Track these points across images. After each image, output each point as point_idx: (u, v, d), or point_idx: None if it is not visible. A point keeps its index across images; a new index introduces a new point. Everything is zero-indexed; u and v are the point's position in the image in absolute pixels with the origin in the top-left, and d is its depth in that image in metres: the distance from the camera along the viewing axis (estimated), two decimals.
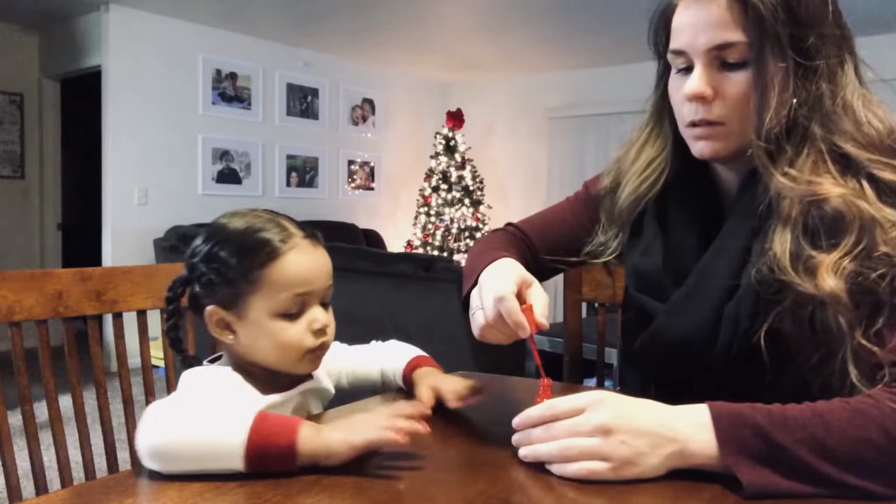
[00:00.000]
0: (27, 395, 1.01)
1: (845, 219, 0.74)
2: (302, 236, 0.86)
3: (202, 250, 0.85)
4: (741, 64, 0.80)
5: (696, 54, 0.82)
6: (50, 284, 1.05)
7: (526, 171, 6.33)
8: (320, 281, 0.85)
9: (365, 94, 6.03)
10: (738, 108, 0.81)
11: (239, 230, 0.85)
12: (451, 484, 0.66)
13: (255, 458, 0.66)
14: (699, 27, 0.80)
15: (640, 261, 0.94)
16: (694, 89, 0.81)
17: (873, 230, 0.73)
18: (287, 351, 0.84)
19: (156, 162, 4.59)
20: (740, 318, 0.81)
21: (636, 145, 0.98)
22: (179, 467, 0.67)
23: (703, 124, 0.83)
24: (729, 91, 0.81)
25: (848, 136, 0.78)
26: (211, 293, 0.84)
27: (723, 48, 0.80)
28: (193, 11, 4.52)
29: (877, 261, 0.72)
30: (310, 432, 0.68)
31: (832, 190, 0.75)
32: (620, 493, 0.64)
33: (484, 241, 1.08)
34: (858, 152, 0.77)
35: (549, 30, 4.77)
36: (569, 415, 0.69)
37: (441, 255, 5.66)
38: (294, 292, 0.83)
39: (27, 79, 4.89)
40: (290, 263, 0.83)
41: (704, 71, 0.81)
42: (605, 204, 1.02)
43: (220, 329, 0.85)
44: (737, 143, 0.83)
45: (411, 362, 0.99)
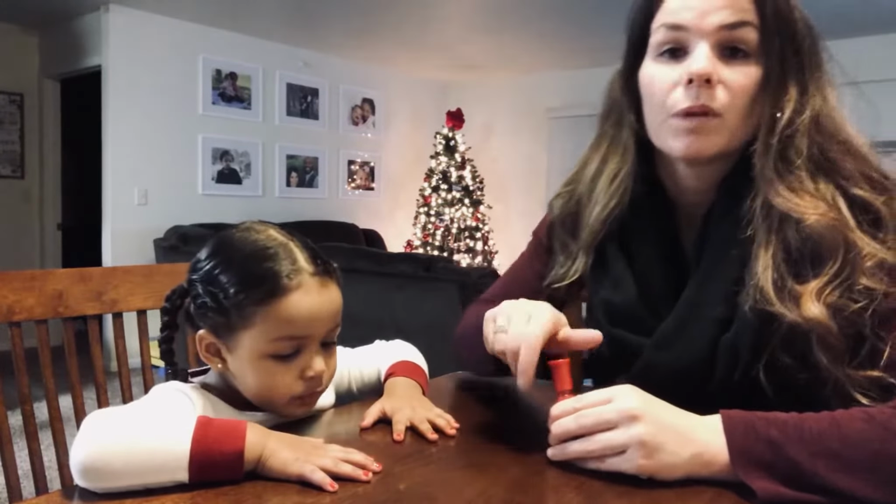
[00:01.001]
0: (27, 395, 1.01)
1: (827, 245, 0.72)
2: (311, 273, 0.78)
3: (204, 267, 0.80)
4: (747, 54, 0.76)
5: (701, 33, 0.76)
6: (50, 284, 1.05)
7: (526, 171, 6.33)
8: (322, 325, 0.79)
9: (365, 94, 6.03)
10: (740, 101, 0.76)
11: (245, 254, 0.78)
12: (451, 484, 0.66)
13: (201, 466, 0.62)
14: (710, 4, 0.76)
15: (613, 294, 0.87)
16: (702, 67, 0.75)
17: (855, 260, 0.71)
18: (273, 394, 0.79)
19: (156, 162, 4.59)
20: (739, 351, 0.78)
21: (596, 160, 0.91)
22: (115, 483, 0.61)
23: (699, 113, 0.76)
24: (733, 80, 0.76)
25: (837, 149, 0.76)
26: (204, 317, 0.79)
27: (736, 27, 0.75)
28: (193, 11, 4.51)
29: (858, 293, 0.70)
30: (256, 438, 0.66)
31: (813, 212, 0.73)
32: (621, 494, 0.64)
33: (478, 309, 0.99)
34: (845, 167, 0.75)
35: (549, 30, 4.77)
36: (597, 405, 0.68)
37: (441, 255, 5.66)
38: (289, 335, 0.77)
39: (27, 79, 4.89)
40: (291, 306, 0.76)
41: (711, 52, 0.76)
42: (560, 233, 0.96)
43: (210, 354, 0.80)
44: (725, 143, 0.78)
45: (389, 369, 0.94)
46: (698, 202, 0.86)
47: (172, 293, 0.84)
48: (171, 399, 0.78)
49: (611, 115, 0.90)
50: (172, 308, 0.84)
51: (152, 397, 0.78)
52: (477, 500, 0.63)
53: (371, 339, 1.05)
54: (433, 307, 2.66)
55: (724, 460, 0.64)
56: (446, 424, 0.79)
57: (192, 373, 0.88)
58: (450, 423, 0.80)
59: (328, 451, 0.67)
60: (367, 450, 0.70)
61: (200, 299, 0.79)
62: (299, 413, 0.83)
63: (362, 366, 0.98)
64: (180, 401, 0.78)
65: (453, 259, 5.64)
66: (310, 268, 0.78)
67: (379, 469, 0.68)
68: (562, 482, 0.67)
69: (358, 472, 0.66)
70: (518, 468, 0.70)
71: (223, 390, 0.83)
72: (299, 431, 0.78)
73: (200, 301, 0.79)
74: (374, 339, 1.05)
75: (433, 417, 0.80)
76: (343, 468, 0.65)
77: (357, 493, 0.64)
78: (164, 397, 0.78)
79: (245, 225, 0.83)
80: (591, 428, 0.67)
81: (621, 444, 0.65)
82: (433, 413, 0.81)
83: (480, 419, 0.88)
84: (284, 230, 0.83)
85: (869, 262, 0.71)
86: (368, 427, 0.81)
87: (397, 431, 0.78)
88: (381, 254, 3.08)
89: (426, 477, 0.68)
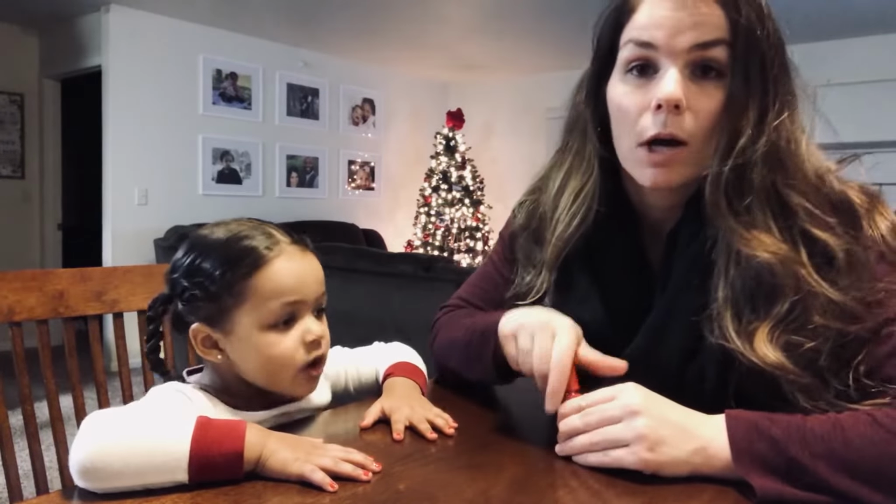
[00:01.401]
0: (27, 395, 1.01)
1: (779, 282, 0.70)
2: (289, 242, 0.81)
3: (183, 264, 0.81)
4: (719, 74, 0.72)
5: (672, 53, 0.72)
6: (50, 284, 1.05)
7: (526, 171, 6.25)
8: (311, 288, 0.80)
9: (365, 94, 6.03)
10: (707, 125, 0.73)
11: (221, 240, 0.80)
12: (451, 484, 0.66)
13: (200, 466, 0.62)
14: (681, 21, 0.71)
15: (578, 311, 0.83)
16: (672, 94, 0.71)
17: (808, 300, 0.69)
18: (279, 368, 0.79)
19: (156, 162, 4.59)
20: (705, 381, 0.76)
21: (560, 173, 0.88)
22: (115, 484, 0.62)
23: (666, 143, 0.73)
24: (702, 104, 0.72)
25: (791, 182, 0.72)
26: (195, 309, 0.80)
27: (709, 47, 0.71)
28: (193, 11, 4.52)
29: (811, 332, 0.69)
30: (255, 438, 0.66)
31: (768, 249, 0.70)
32: (621, 494, 0.64)
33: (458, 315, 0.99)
34: (799, 201, 0.71)
35: (549, 30, 4.77)
36: (602, 402, 0.69)
37: (441, 255, 5.66)
38: (283, 301, 0.78)
39: (27, 79, 4.89)
40: (278, 271, 0.78)
41: (680, 75, 0.72)
42: (523, 244, 0.93)
43: (207, 348, 0.80)
44: (692, 171, 0.75)
45: (388, 369, 0.94)
46: (665, 218, 0.83)
47: (154, 301, 0.84)
48: (171, 399, 0.78)
49: (576, 126, 0.87)
50: (156, 316, 0.84)
51: (151, 398, 0.78)
52: (477, 500, 0.63)
53: (370, 339, 1.05)
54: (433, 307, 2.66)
55: (725, 457, 0.64)
56: (445, 424, 0.79)
57: (188, 371, 0.88)
58: (448, 422, 0.80)
59: (328, 451, 0.68)
60: (367, 449, 0.70)
61: (188, 293, 0.80)
62: (306, 390, 0.83)
63: (360, 366, 0.98)
64: (180, 401, 0.78)
65: (453, 259, 5.64)
66: (286, 238, 0.81)
67: (379, 469, 0.68)
68: (562, 482, 0.67)
69: (358, 472, 0.66)
70: (518, 468, 0.70)
71: (220, 390, 0.83)
72: (299, 431, 0.78)
73: (188, 295, 0.80)
74: (374, 339, 1.05)
75: (432, 417, 0.80)
76: (343, 468, 0.65)
77: (357, 493, 0.64)
78: (164, 398, 0.78)
79: (212, 223, 0.85)
80: (595, 424, 0.68)
81: (624, 438, 0.66)
82: (432, 413, 0.81)
83: (480, 419, 0.88)
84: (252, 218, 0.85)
85: (821, 301, 0.68)
86: (368, 427, 0.81)
87: (396, 431, 0.78)
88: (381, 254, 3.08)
89: (426, 477, 0.68)
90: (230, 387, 0.82)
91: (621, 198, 0.85)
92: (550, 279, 0.88)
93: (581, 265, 0.86)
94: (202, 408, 0.78)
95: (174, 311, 0.83)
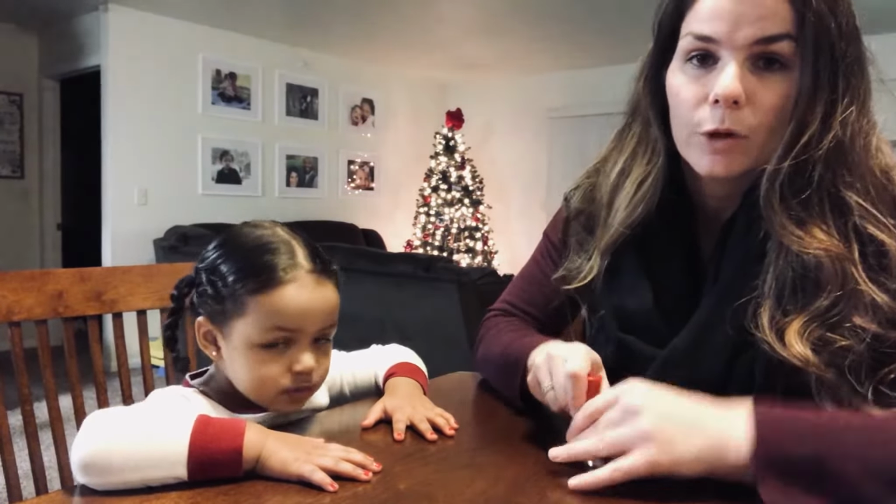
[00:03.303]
0: (27, 395, 1.01)
1: (824, 279, 0.68)
2: (308, 269, 0.79)
3: (209, 256, 0.83)
4: (784, 66, 0.70)
5: (733, 47, 0.70)
6: (50, 284, 1.05)
7: (526, 171, 6.33)
8: (314, 321, 0.79)
9: (365, 94, 6.03)
10: (769, 120, 0.71)
11: (247, 246, 0.81)
12: (451, 484, 0.66)
13: (199, 463, 0.63)
14: (744, 15, 0.69)
15: (626, 300, 0.83)
16: (730, 89, 0.69)
17: (852, 298, 0.67)
18: (261, 385, 0.79)
19: (156, 162, 4.59)
20: (755, 375, 0.74)
21: (621, 159, 0.86)
22: (115, 479, 0.62)
23: (725, 136, 0.72)
24: (764, 98, 0.70)
25: (850, 180, 0.70)
26: (204, 303, 0.82)
27: (769, 42, 0.69)
28: (193, 11, 4.51)
29: (847, 331, 0.67)
30: (255, 436, 0.66)
31: (819, 245, 0.68)
32: (621, 494, 0.64)
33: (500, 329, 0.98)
34: (857, 199, 0.70)
35: (549, 30, 4.77)
36: (606, 408, 0.67)
37: (441, 255, 5.66)
38: (279, 326, 0.77)
39: (27, 79, 4.89)
40: (283, 298, 0.77)
41: (741, 70, 0.70)
42: (578, 227, 0.92)
43: (206, 342, 0.83)
44: (752, 162, 0.73)
45: (389, 370, 0.94)
46: (721, 207, 0.82)
47: (181, 281, 0.87)
48: (172, 402, 0.78)
49: (637, 111, 0.85)
50: (179, 296, 0.87)
51: (152, 400, 0.79)
52: (477, 500, 0.63)
53: (370, 340, 1.05)
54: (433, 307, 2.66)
55: (741, 453, 0.60)
56: (445, 423, 0.79)
57: (191, 375, 0.88)
58: (449, 422, 0.80)
59: (328, 451, 0.68)
60: (367, 449, 0.70)
61: (202, 287, 0.82)
62: (289, 409, 0.83)
63: (356, 369, 0.98)
64: (180, 404, 0.78)
65: (453, 259, 5.64)
66: (307, 265, 0.80)
67: (379, 469, 0.68)
68: (562, 482, 0.66)
69: (358, 472, 0.66)
70: (518, 468, 0.70)
71: (221, 393, 0.83)
72: (299, 431, 0.78)
73: (202, 289, 0.82)
74: (374, 340, 1.06)
75: (433, 416, 0.80)
76: (343, 467, 0.65)
77: (357, 492, 0.64)
78: (164, 400, 0.79)
79: (254, 221, 0.86)
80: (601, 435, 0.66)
81: (627, 441, 0.63)
82: (433, 412, 0.81)
83: (480, 419, 0.88)
84: (291, 230, 0.84)
85: (865, 301, 0.67)
86: (370, 426, 0.81)
87: (398, 430, 0.78)
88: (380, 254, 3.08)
89: (426, 477, 0.68)
90: (232, 390, 0.83)
91: (678, 186, 0.84)
92: (601, 265, 0.86)
93: (632, 252, 0.85)
94: (202, 410, 0.78)
95: (192, 297, 0.86)
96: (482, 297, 2.49)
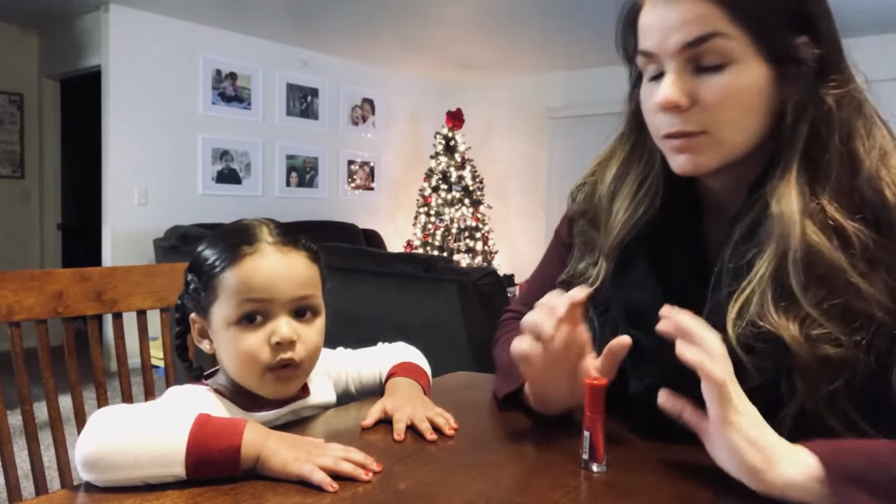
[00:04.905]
0: (27, 395, 1.01)
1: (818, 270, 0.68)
2: (271, 242, 0.80)
3: (193, 255, 0.84)
4: (719, 66, 0.71)
5: (667, 56, 0.73)
6: (50, 284, 1.05)
7: (526, 171, 6.33)
8: (283, 289, 0.79)
9: (365, 94, 6.03)
10: (722, 114, 0.72)
11: (218, 235, 0.83)
12: (451, 484, 0.66)
13: (197, 461, 0.63)
14: (669, 26, 0.72)
15: (635, 295, 0.83)
16: (666, 97, 0.72)
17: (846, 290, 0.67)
18: (245, 365, 0.79)
19: (156, 162, 4.59)
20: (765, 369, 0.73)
21: (617, 162, 0.88)
22: (115, 476, 0.63)
23: (679, 136, 0.75)
24: (707, 96, 0.72)
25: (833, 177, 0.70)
26: (191, 300, 0.84)
27: (696, 44, 0.71)
28: (193, 11, 4.51)
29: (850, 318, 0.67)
30: (254, 436, 0.66)
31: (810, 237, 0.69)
32: (621, 494, 0.64)
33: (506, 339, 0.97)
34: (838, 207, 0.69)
35: (549, 30, 4.77)
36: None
37: (441, 255, 5.66)
38: (245, 298, 0.77)
39: (27, 79, 4.89)
40: (245, 268, 0.78)
41: (677, 76, 0.72)
42: (582, 228, 0.92)
43: (201, 338, 0.84)
44: (724, 154, 0.75)
45: (391, 370, 0.94)
46: (728, 201, 0.82)
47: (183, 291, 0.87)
48: (183, 401, 0.79)
49: (632, 117, 0.87)
50: (183, 305, 0.87)
51: (167, 398, 0.80)
52: (477, 500, 0.63)
53: (370, 339, 1.05)
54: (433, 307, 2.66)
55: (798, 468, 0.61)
56: (445, 423, 0.80)
57: (205, 375, 0.89)
58: (449, 422, 0.80)
59: (329, 451, 0.68)
60: (367, 449, 0.70)
61: (188, 284, 0.83)
62: (279, 392, 0.82)
63: (361, 367, 0.98)
64: (192, 402, 0.78)
65: (453, 259, 5.64)
66: (270, 238, 0.81)
67: (379, 469, 0.68)
68: (562, 482, 0.67)
69: (359, 472, 0.66)
70: (518, 468, 0.70)
71: (233, 390, 0.84)
72: (300, 430, 0.78)
73: (188, 286, 0.84)
74: (374, 339, 1.05)
75: (433, 416, 0.80)
76: (343, 467, 0.66)
77: (357, 492, 0.64)
78: (176, 400, 0.80)
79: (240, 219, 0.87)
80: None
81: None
82: (433, 412, 0.82)
83: (480, 419, 0.88)
84: (270, 220, 0.85)
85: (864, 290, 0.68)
86: (369, 426, 0.81)
87: (398, 431, 0.78)
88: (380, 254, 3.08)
89: (426, 477, 0.68)
90: (234, 386, 0.83)
91: (687, 183, 0.84)
92: (608, 268, 0.87)
93: (641, 248, 0.85)
94: (213, 409, 0.78)
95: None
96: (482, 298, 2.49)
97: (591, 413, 0.70)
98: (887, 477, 0.59)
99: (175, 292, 1.17)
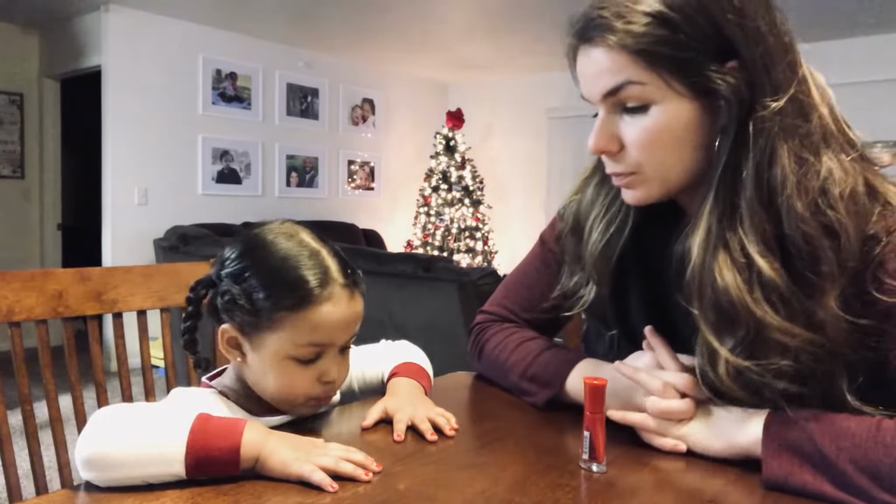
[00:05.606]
0: (27, 395, 1.01)
1: (736, 313, 0.69)
2: (342, 284, 0.80)
3: (234, 266, 0.81)
4: (642, 108, 0.72)
5: (595, 102, 0.77)
6: (50, 284, 1.05)
7: (526, 171, 6.33)
8: (345, 335, 0.81)
9: (365, 94, 6.03)
10: (647, 155, 0.74)
11: (277, 260, 0.79)
12: (451, 484, 0.66)
13: (197, 460, 0.63)
14: (590, 76, 0.75)
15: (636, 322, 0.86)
16: (591, 145, 0.76)
17: (761, 332, 0.68)
18: (288, 394, 0.81)
19: (156, 162, 4.59)
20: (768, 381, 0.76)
21: (594, 178, 0.89)
22: (116, 475, 0.63)
23: (615, 175, 0.78)
24: (631, 136, 0.74)
25: (745, 207, 0.69)
26: (231, 313, 0.80)
27: (614, 93, 0.73)
28: (193, 11, 4.51)
29: (761, 355, 0.69)
30: (254, 436, 0.66)
31: (725, 278, 0.69)
32: (621, 494, 0.64)
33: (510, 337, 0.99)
34: (756, 239, 0.69)
35: (548, 30, 4.77)
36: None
37: (441, 255, 5.66)
38: (310, 342, 0.79)
39: (27, 79, 4.89)
40: (320, 316, 0.78)
41: (605, 121, 0.76)
42: (568, 245, 0.93)
43: (231, 348, 0.82)
44: (662, 188, 0.76)
45: (393, 369, 0.95)
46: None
47: (198, 283, 0.84)
48: (187, 403, 0.79)
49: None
50: (196, 298, 0.85)
51: (171, 399, 0.80)
52: (477, 500, 0.63)
53: (370, 339, 1.04)
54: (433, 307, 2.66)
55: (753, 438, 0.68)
56: (446, 424, 0.80)
57: (209, 376, 0.89)
58: (450, 422, 0.80)
59: (329, 451, 0.68)
60: (368, 449, 0.70)
61: (229, 296, 0.80)
62: (310, 413, 0.85)
63: (364, 366, 0.98)
64: (195, 404, 0.78)
65: (453, 259, 5.64)
66: (340, 279, 0.80)
67: (379, 469, 0.68)
68: (562, 482, 0.67)
69: (359, 472, 0.66)
70: (518, 468, 0.70)
71: (239, 393, 0.84)
72: (300, 430, 0.78)
73: (229, 298, 0.80)
74: (374, 340, 1.04)
75: (434, 416, 0.80)
76: (344, 467, 0.66)
77: (357, 492, 0.64)
78: (181, 401, 0.80)
79: (275, 226, 0.84)
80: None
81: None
82: (434, 412, 0.82)
83: (480, 419, 0.88)
84: (313, 233, 0.84)
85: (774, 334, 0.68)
86: (370, 426, 0.81)
87: (398, 431, 0.78)
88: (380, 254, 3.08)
89: (426, 477, 0.68)
90: (249, 391, 0.83)
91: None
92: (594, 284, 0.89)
93: (633, 267, 0.87)
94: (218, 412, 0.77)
95: (212, 300, 0.84)
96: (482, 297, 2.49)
97: (591, 413, 0.70)
98: (814, 448, 0.64)
99: (175, 292, 1.18)
